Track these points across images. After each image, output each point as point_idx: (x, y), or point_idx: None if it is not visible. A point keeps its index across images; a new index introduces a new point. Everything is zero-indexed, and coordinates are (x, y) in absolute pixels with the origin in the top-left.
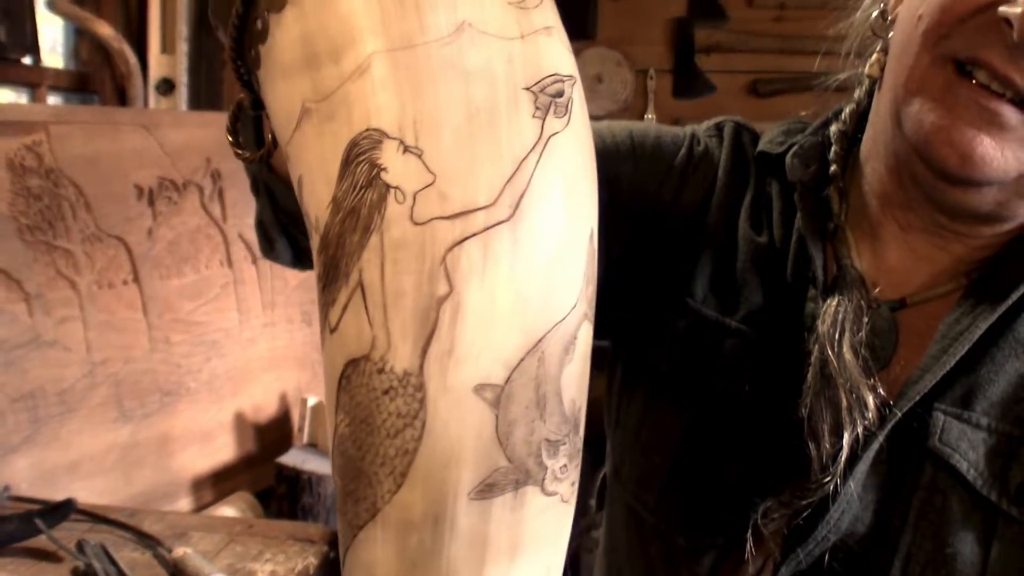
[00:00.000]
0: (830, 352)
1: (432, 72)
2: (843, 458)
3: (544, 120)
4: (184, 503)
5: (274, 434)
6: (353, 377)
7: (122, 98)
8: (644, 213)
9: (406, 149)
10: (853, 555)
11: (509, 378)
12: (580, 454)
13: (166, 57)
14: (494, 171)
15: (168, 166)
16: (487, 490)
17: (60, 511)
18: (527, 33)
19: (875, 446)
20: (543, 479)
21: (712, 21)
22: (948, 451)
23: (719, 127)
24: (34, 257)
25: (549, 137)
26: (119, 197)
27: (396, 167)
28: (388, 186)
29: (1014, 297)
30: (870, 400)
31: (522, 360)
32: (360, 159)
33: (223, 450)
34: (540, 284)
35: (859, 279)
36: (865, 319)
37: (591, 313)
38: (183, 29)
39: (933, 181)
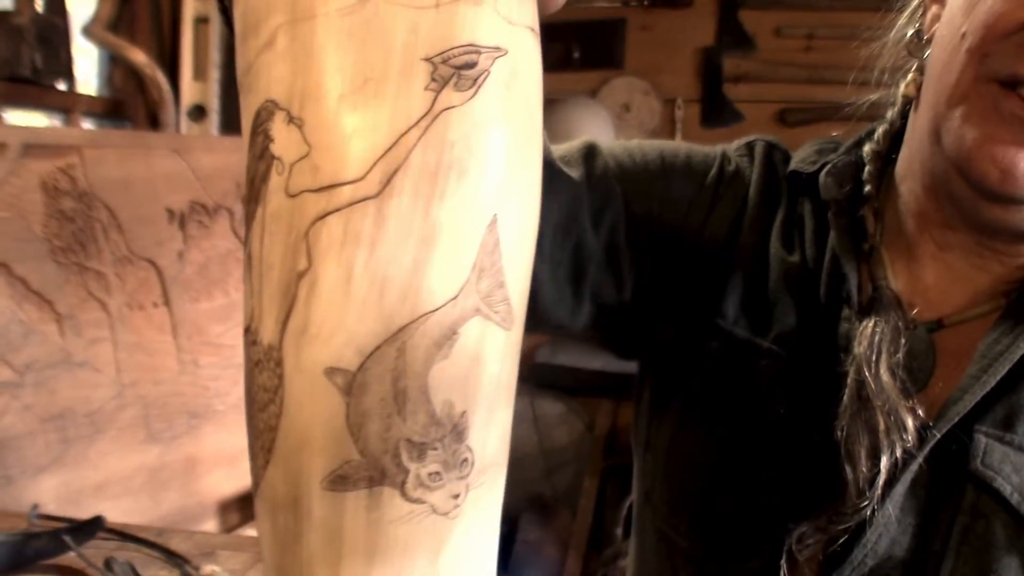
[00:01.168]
0: (867, 374)
1: (326, 42)
2: (881, 482)
3: (439, 92)
4: (210, 525)
5: None
6: (244, 347)
7: (155, 124)
8: (674, 232)
9: (291, 120)
10: None
11: (362, 365)
12: (477, 468)
13: (198, 84)
14: (368, 144)
15: (199, 190)
16: (339, 482)
17: (89, 528)
18: (444, 3)
19: (914, 468)
20: (403, 482)
21: (740, 50)
22: (991, 474)
23: (750, 146)
24: (66, 278)
25: (442, 111)
26: (151, 220)
27: (281, 138)
28: (273, 157)
29: None
30: (909, 422)
31: (378, 348)
32: (258, 130)
33: (249, 473)
34: (405, 269)
35: (895, 300)
36: (902, 340)
37: (498, 313)
38: (215, 56)
39: (972, 198)
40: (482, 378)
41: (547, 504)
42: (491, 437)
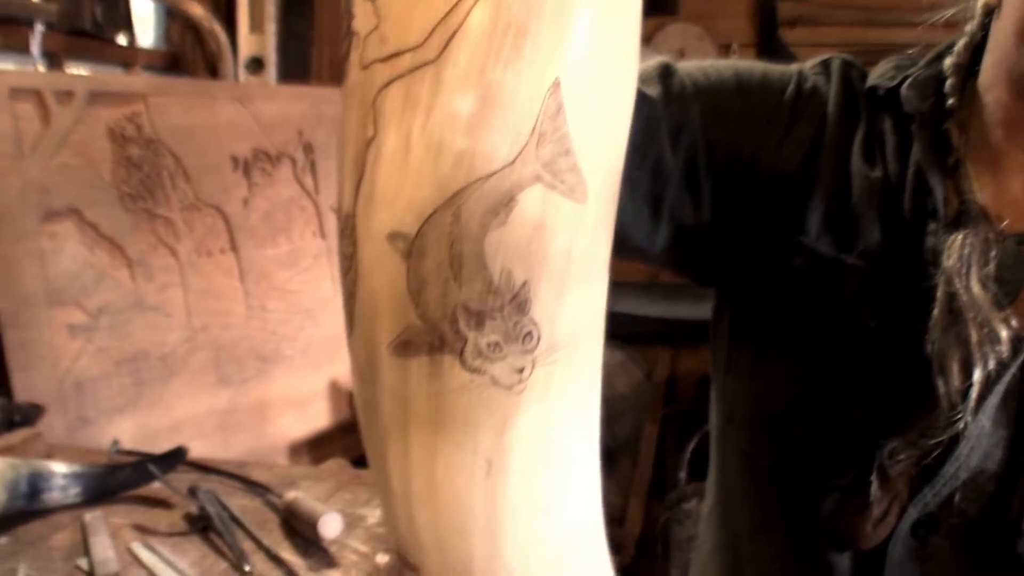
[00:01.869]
0: (958, 286)
1: None
2: (974, 394)
3: None
4: None
5: None
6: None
7: (213, 77)
8: (753, 150)
9: None
10: (983, 493)
11: (420, 230)
12: (546, 345)
13: (255, 37)
14: (429, 10)
15: (262, 138)
16: (403, 348)
17: (172, 458)
18: None
19: (1007, 380)
20: (461, 350)
21: None
22: None
23: (826, 64)
24: (136, 224)
25: None
26: (215, 167)
27: (359, 13)
28: (352, 33)
29: None
30: (1003, 333)
31: (434, 213)
32: (348, 8)
33: (318, 416)
34: (460, 133)
35: (983, 212)
36: (992, 253)
37: (563, 182)
38: (271, 9)
39: None
40: (547, 249)
41: (608, 453)
42: (565, 314)
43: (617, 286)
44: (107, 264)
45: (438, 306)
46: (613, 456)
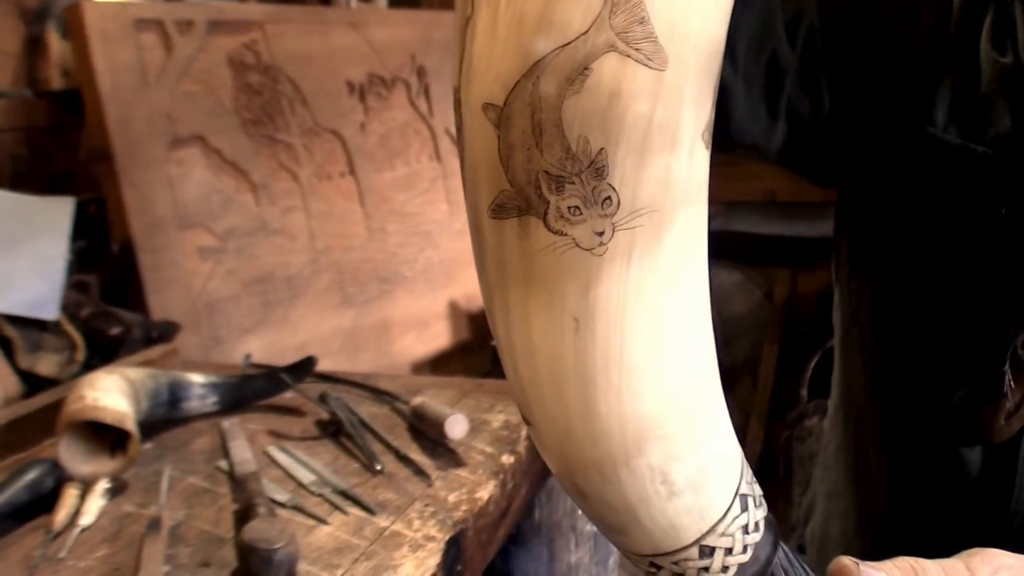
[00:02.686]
0: None
1: None
2: None
3: None
4: None
5: (486, 323)
6: None
7: (326, 3)
8: (874, 40)
9: None
10: None
11: (507, 100)
12: (626, 209)
13: None
14: None
15: (376, 63)
16: (498, 210)
17: (303, 368)
18: None
19: None
20: (545, 212)
21: None
22: None
23: None
24: (257, 150)
25: None
26: (332, 93)
27: None
28: None
29: None
30: None
31: (518, 82)
32: None
33: (439, 337)
34: (539, 4)
35: None
36: None
37: (639, 50)
38: None
39: None
40: (624, 116)
41: (726, 373)
42: (648, 179)
43: (734, 205)
44: (232, 189)
45: (524, 171)
46: (733, 377)
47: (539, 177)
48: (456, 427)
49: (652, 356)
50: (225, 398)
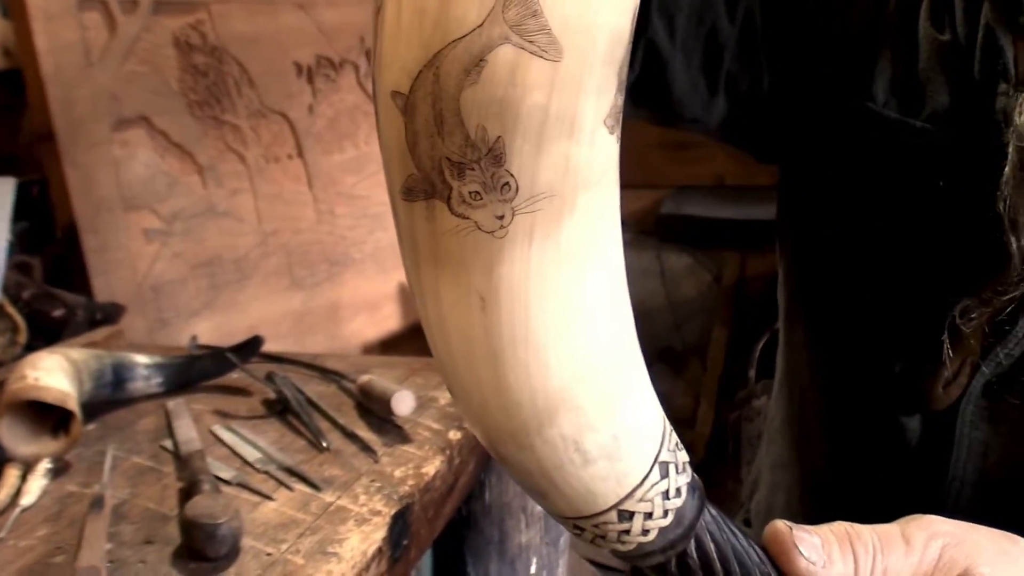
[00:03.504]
0: None
1: None
2: None
3: None
4: None
5: None
6: None
7: None
8: (815, 15)
9: None
10: None
11: (411, 88)
12: (524, 195)
13: None
14: None
15: (325, 44)
16: (407, 193)
17: (249, 347)
18: None
19: None
20: (448, 197)
21: None
22: None
23: None
24: (204, 131)
25: None
26: (280, 74)
27: None
28: None
29: None
30: None
31: (420, 72)
32: None
33: (389, 319)
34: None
35: None
36: None
37: (533, 42)
38: None
39: None
40: (520, 106)
41: (677, 356)
42: (545, 166)
43: (683, 189)
44: (178, 171)
45: (428, 157)
46: (682, 359)
47: (442, 163)
48: (403, 403)
49: (558, 332)
50: (170, 379)
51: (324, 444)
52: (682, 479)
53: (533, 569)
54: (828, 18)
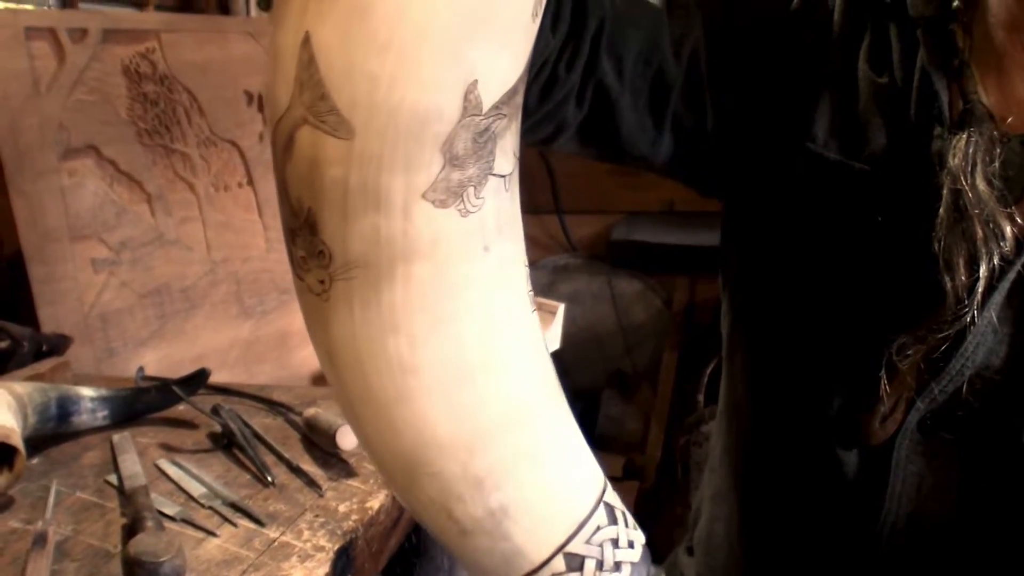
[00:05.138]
0: (964, 183)
1: None
2: (980, 288)
3: None
4: None
5: None
6: None
7: (225, 13)
8: (758, 58)
9: None
10: (989, 390)
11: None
12: (340, 263)
13: None
14: None
15: None
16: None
17: (196, 379)
18: None
19: (1011, 276)
20: (292, 260)
21: None
22: None
23: None
24: (153, 160)
25: None
26: (230, 102)
27: None
28: None
29: None
30: (1007, 229)
31: (272, 146)
32: None
33: None
34: (269, 81)
35: (987, 113)
36: (997, 151)
37: (325, 123)
38: None
39: None
40: (323, 180)
41: (628, 380)
42: (354, 237)
43: (634, 215)
44: (127, 199)
45: (282, 223)
46: (633, 383)
47: (284, 230)
48: (348, 438)
49: (398, 396)
50: (116, 412)
51: (269, 479)
52: (635, 533)
53: None
54: (771, 60)
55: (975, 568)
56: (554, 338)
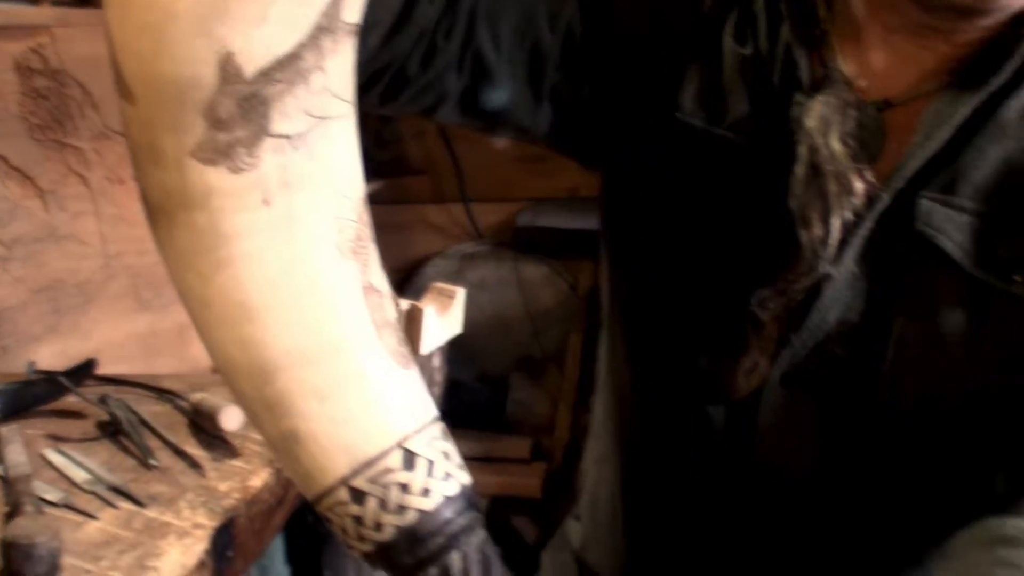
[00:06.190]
0: (819, 141)
1: None
2: (832, 241)
3: None
4: None
5: None
6: None
7: None
8: (630, 31)
9: None
10: (849, 342)
11: None
12: (146, 204)
13: None
14: None
15: None
16: None
17: (82, 370)
18: None
19: (863, 232)
20: None
21: None
22: (932, 232)
23: None
24: (46, 155)
25: None
26: None
27: None
28: None
29: (995, 83)
30: (858, 185)
31: None
32: None
33: None
34: None
35: (844, 80)
36: (852, 113)
37: (119, 89)
38: None
39: None
40: (130, 139)
41: (536, 364)
42: (149, 186)
43: (539, 202)
44: (19, 195)
45: None
46: (541, 367)
47: None
48: (230, 419)
49: (203, 324)
50: (4, 405)
51: (152, 462)
52: (439, 484)
53: None
54: (642, 32)
55: (840, 518)
56: (455, 323)
